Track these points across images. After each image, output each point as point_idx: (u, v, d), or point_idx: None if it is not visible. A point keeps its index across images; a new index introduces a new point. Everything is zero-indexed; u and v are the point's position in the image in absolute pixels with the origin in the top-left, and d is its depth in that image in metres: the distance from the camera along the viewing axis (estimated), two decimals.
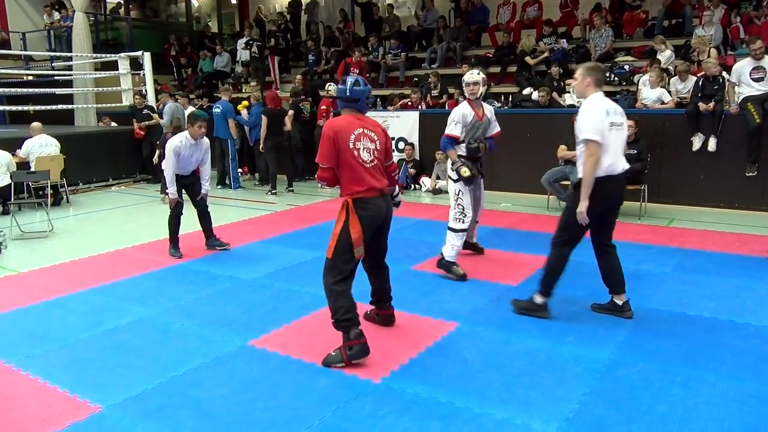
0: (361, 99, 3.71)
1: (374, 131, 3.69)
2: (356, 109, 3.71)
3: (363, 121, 3.69)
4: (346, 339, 3.53)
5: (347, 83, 3.70)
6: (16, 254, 6.26)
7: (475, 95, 5.16)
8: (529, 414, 2.99)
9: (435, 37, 12.58)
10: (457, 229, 5.15)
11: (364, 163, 3.58)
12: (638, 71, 9.28)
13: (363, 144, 3.59)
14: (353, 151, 3.55)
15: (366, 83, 3.76)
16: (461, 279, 5.07)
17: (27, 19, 16.10)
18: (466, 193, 5.15)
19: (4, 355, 3.75)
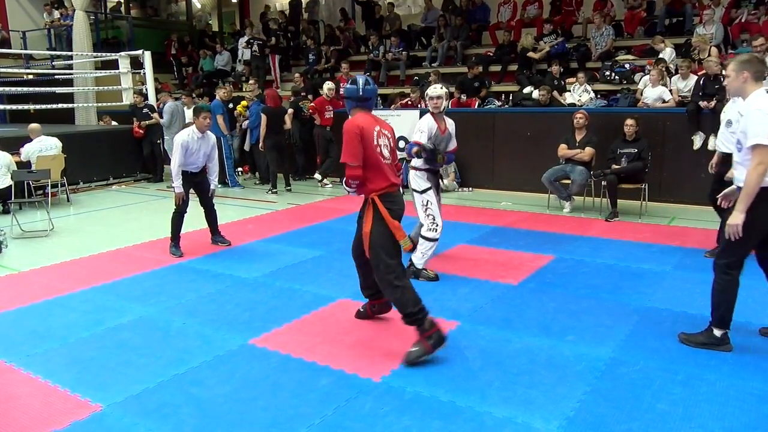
0: (372, 98, 3.77)
1: (387, 129, 3.77)
2: (368, 108, 3.76)
3: (377, 119, 3.75)
4: (422, 331, 3.52)
5: (359, 83, 3.71)
6: (17, 253, 6.27)
7: (438, 109, 5.16)
8: (529, 412, 2.99)
9: (436, 35, 12.58)
10: (430, 238, 5.09)
11: (386, 160, 3.66)
12: (639, 70, 9.28)
13: (383, 141, 3.66)
14: (377, 149, 3.61)
15: (374, 83, 3.81)
16: (434, 280, 5.04)
17: (27, 17, 16.10)
18: (433, 202, 5.11)
19: (5, 355, 3.75)
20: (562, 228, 6.79)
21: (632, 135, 7.22)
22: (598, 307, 4.38)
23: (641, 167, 7.14)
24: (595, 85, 9.53)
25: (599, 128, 7.88)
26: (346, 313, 4.35)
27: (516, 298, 4.60)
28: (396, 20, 13.26)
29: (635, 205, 7.48)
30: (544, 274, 5.16)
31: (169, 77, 15.33)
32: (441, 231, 5.13)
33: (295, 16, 15.06)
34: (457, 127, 9.54)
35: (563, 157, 7.69)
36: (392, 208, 3.61)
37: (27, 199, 8.08)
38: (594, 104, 8.94)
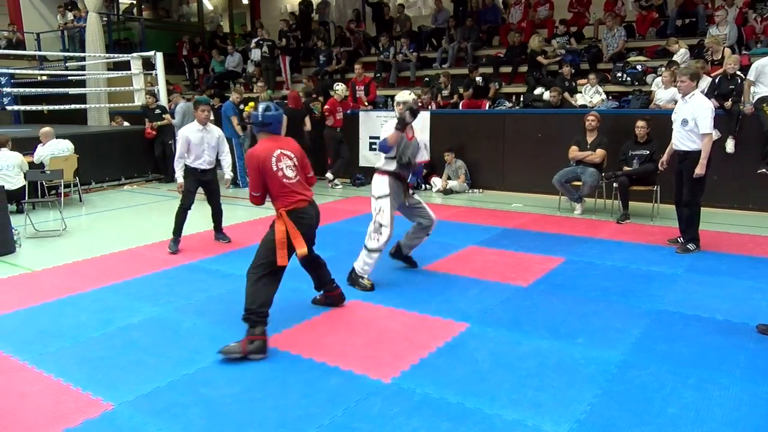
0: (273, 123, 3.97)
1: (289, 149, 3.98)
2: (271, 132, 3.98)
3: (279, 142, 3.97)
4: (251, 333, 3.68)
5: (259, 109, 3.97)
6: (30, 253, 6.32)
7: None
8: (539, 415, 2.98)
9: (446, 36, 12.57)
10: (370, 249, 4.87)
11: (290, 180, 3.89)
12: (651, 71, 9.22)
13: (284, 164, 3.88)
14: (278, 173, 3.85)
15: (278, 108, 4.02)
16: (368, 290, 4.85)
17: (41, 19, 16.25)
18: (387, 208, 4.84)
19: (18, 353, 3.78)
20: (573, 230, 6.76)
21: (644, 137, 7.18)
22: (608, 310, 4.35)
23: (653, 169, 7.08)
24: (607, 87, 9.48)
25: (610, 130, 7.84)
26: (355, 315, 4.36)
27: (526, 300, 4.58)
28: (406, 21, 13.26)
29: (647, 207, 7.43)
30: (555, 276, 5.14)
31: (180, 78, 15.41)
32: (385, 244, 4.87)
33: (305, 18, 15.10)
34: (468, 128, 9.54)
35: (574, 159, 7.66)
36: (300, 222, 3.88)
37: (40, 199, 8.16)
38: (605, 106, 8.90)
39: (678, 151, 5.77)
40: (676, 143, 5.77)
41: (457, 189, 9.36)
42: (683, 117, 5.62)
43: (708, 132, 5.49)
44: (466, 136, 9.62)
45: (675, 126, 5.81)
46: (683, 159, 5.70)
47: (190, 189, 6.13)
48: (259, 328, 3.69)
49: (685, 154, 5.68)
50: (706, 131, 5.49)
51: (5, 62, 13.78)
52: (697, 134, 5.54)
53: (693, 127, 5.55)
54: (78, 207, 8.85)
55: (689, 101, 5.61)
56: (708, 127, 5.47)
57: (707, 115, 5.47)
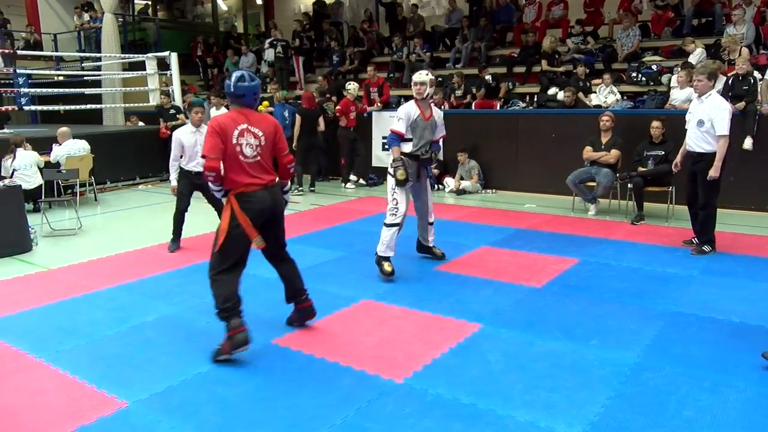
0: (247, 95, 3.69)
1: (259, 127, 3.70)
2: (243, 104, 3.72)
3: (248, 116, 3.69)
4: (227, 329, 3.57)
5: (232, 78, 3.68)
6: (46, 251, 6.39)
7: (421, 95, 5.16)
8: (552, 417, 2.96)
9: (459, 36, 12.54)
10: (388, 224, 5.14)
11: (247, 158, 3.63)
12: (666, 71, 9.15)
13: (246, 140, 3.63)
14: (236, 147, 3.61)
15: (253, 78, 3.72)
16: (387, 276, 5.06)
17: (58, 20, 16.42)
18: (400, 187, 5.15)
19: (34, 350, 3.83)
20: (587, 231, 6.72)
21: (659, 137, 7.12)
22: (622, 312, 4.32)
23: (668, 169, 7.00)
24: (622, 87, 9.42)
25: (625, 130, 7.78)
26: (367, 315, 4.36)
27: (539, 301, 4.56)
28: (420, 21, 13.24)
29: (662, 208, 7.37)
30: (568, 278, 5.11)
31: (194, 78, 15.50)
32: (402, 219, 5.14)
33: (318, 18, 15.14)
34: (481, 128, 9.53)
35: (588, 160, 7.61)
36: (248, 207, 3.62)
37: (56, 198, 8.24)
38: (620, 106, 8.84)
39: (692, 152, 5.69)
40: (691, 144, 5.68)
41: (470, 189, 9.33)
42: (699, 117, 5.54)
43: (725, 134, 5.40)
44: (480, 137, 9.60)
45: (690, 126, 5.74)
46: (697, 161, 5.62)
47: (183, 192, 6.18)
48: (234, 321, 3.56)
49: (699, 155, 5.60)
50: (722, 133, 5.40)
51: (23, 63, 13.96)
52: (713, 135, 5.46)
53: (709, 128, 5.47)
54: (93, 206, 8.93)
55: (705, 101, 5.53)
56: (725, 128, 5.39)
57: (724, 117, 5.38)
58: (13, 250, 6.17)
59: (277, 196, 3.81)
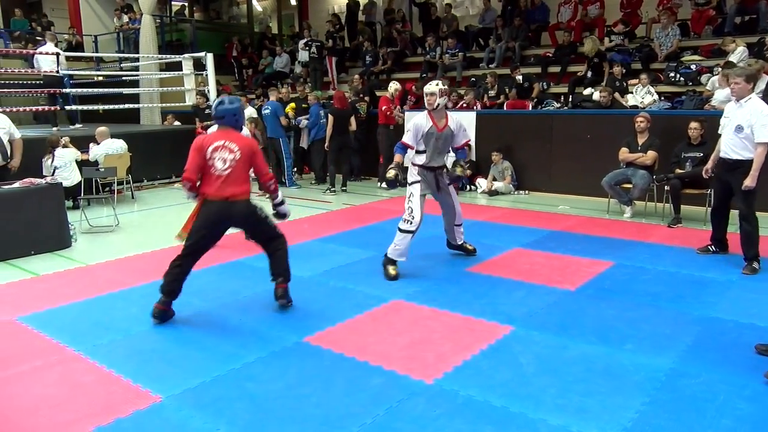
0: (227, 116, 4.16)
1: (237, 144, 4.13)
2: (224, 124, 4.19)
3: (227, 134, 4.16)
4: (157, 301, 4.21)
5: (215, 102, 4.23)
6: (84, 247, 6.55)
7: (431, 105, 5.18)
8: (585, 422, 2.92)
9: (493, 36, 12.45)
10: (402, 230, 5.20)
11: (217, 171, 4.10)
12: (706, 71, 8.93)
13: (220, 155, 4.08)
14: (209, 161, 4.09)
15: (232, 102, 4.20)
16: (390, 279, 5.11)
17: (99, 22, 16.84)
18: (416, 195, 5.22)
19: (73, 343, 3.92)
20: (622, 233, 6.61)
21: (697, 138, 6.96)
22: (658, 316, 4.23)
23: None
24: (659, 87, 9.24)
25: (662, 131, 7.63)
26: (398, 315, 4.36)
27: (573, 304, 4.50)
28: (453, 21, 13.19)
29: (700, 211, 7.20)
30: (603, 281, 5.03)
31: (229, 79, 15.71)
32: (417, 227, 5.18)
33: (352, 18, 15.20)
34: (514, 129, 9.44)
35: (624, 161, 7.48)
36: (205, 214, 4.14)
37: (95, 196, 8.44)
38: (657, 106, 8.67)
39: (727, 159, 5.30)
40: (726, 150, 5.29)
41: (502, 190, 9.26)
42: (738, 123, 5.17)
43: (765, 141, 5.02)
44: (513, 137, 9.51)
45: (725, 132, 5.38)
46: (733, 168, 5.24)
47: None
48: (162, 299, 4.20)
49: (736, 162, 5.22)
50: (763, 140, 5.01)
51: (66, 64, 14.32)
52: (752, 142, 5.09)
53: (749, 134, 5.09)
54: (130, 204, 9.12)
55: (745, 105, 5.15)
56: (766, 135, 5.00)
57: (765, 123, 4.99)
58: (54, 246, 6.34)
59: (237, 209, 4.18)
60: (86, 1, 16.68)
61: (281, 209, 4.59)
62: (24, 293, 5.01)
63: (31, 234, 6.16)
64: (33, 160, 7.91)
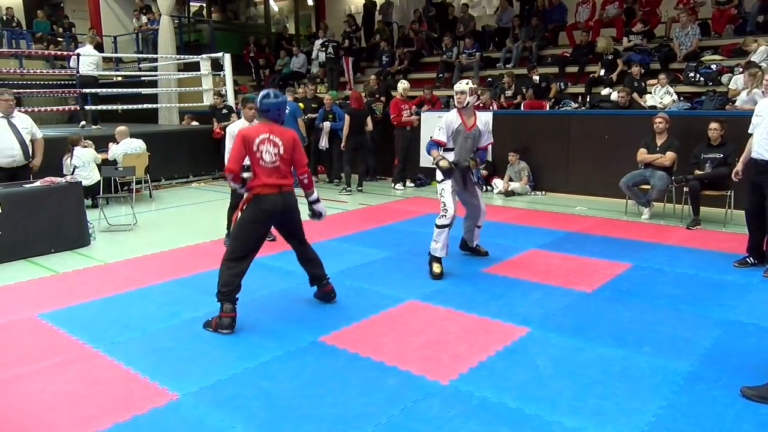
0: (270, 110, 4.17)
1: (281, 138, 4.16)
2: (268, 118, 4.19)
3: (272, 128, 4.17)
4: (220, 309, 4.08)
5: (259, 95, 4.23)
6: (103, 246, 6.62)
7: (461, 104, 5.23)
8: (601, 424, 2.90)
9: (510, 36, 12.40)
10: (439, 225, 5.24)
11: (265, 164, 4.10)
12: (726, 71, 8.82)
13: (265, 148, 4.09)
14: (257, 153, 4.08)
15: (278, 95, 4.22)
16: (435, 278, 5.16)
17: (118, 23, 17.02)
18: (447, 190, 5.23)
19: (92, 341, 3.97)
20: (640, 235, 6.54)
21: (717, 139, 6.88)
22: (676, 319, 4.19)
23: (727, 173, 6.75)
24: (678, 87, 9.14)
25: (681, 132, 7.55)
26: (414, 315, 4.36)
27: (590, 306, 4.47)
28: (470, 21, 13.16)
29: (719, 213, 7.12)
30: (620, 282, 4.99)
31: (247, 79, 15.80)
32: (451, 220, 5.22)
33: (369, 18, 15.21)
34: (531, 129, 9.39)
35: (642, 162, 7.41)
36: (258, 207, 4.11)
37: (113, 195, 8.53)
38: (677, 107, 8.58)
39: (760, 160, 5.13)
40: (760, 151, 5.12)
41: (519, 191, 9.22)
42: None
43: None
44: (529, 137, 9.46)
45: (758, 131, 5.18)
46: (766, 170, 5.08)
47: None
48: (226, 306, 4.06)
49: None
50: None
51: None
52: None
53: None
54: (148, 203, 9.20)
55: None
56: None
57: None
58: (73, 244, 6.42)
59: (290, 199, 4.23)
60: (106, 3, 16.86)
61: (317, 207, 4.58)
62: (44, 290, 5.08)
63: (51, 232, 6.24)
64: (55, 159, 8.03)
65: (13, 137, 6.42)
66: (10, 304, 4.76)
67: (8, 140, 6.40)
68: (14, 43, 15.47)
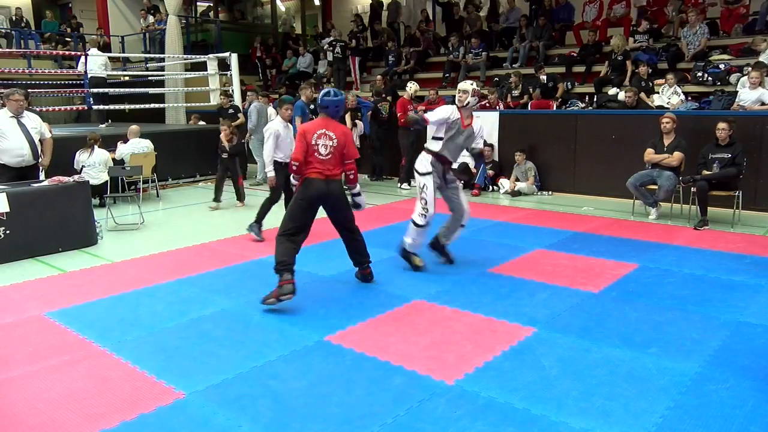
0: (330, 107, 4.65)
1: (334, 133, 4.62)
2: (327, 114, 4.66)
3: (327, 123, 4.64)
4: (279, 279, 4.41)
5: (321, 93, 4.70)
6: (110, 245, 6.65)
7: (462, 102, 5.20)
8: (608, 425, 2.88)
9: (517, 36, 12.37)
10: (419, 224, 5.24)
11: (321, 155, 4.57)
12: (735, 70, 8.77)
13: (322, 141, 4.57)
14: (314, 146, 4.56)
15: (337, 94, 4.69)
16: (417, 269, 5.28)
17: (126, 23, 17.10)
18: (429, 186, 5.20)
19: (99, 339, 3.99)
20: (648, 235, 6.52)
21: (725, 139, 6.84)
22: (684, 320, 4.17)
23: (735, 173, 6.75)
24: (686, 87, 9.10)
25: (689, 132, 7.51)
26: (420, 315, 4.35)
27: (596, 307, 4.45)
28: (476, 21, 13.14)
29: (727, 213, 7.08)
30: (627, 283, 4.97)
31: (253, 79, 15.82)
32: (431, 220, 5.22)
33: (376, 18, 15.21)
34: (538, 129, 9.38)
35: (650, 162, 7.38)
36: (307, 189, 4.57)
37: (121, 194, 8.57)
38: (684, 107, 8.54)
39: None
40: None
41: (525, 191, 9.20)
42: None
43: None
44: (536, 137, 9.44)
45: None
46: None
47: (282, 184, 6.47)
48: (285, 275, 4.40)
49: None
50: None
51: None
52: None
53: None
54: (155, 202, 9.23)
55: None
56: None
57: None
58: (80, 243, 6.45)
59: (333, 187, 4.65)
60: (114, 3, 16.95)
61: (358, 199, 5.02)
62: (52, 289, 5.10)
63: (59, 231, 6.28)
64: (63, 158, 8.06)
65: (22, 137, 6.46)
66: (19, 302, 4.78)
67: (18, 140, 6.43)
68: (23, 43, 15.56)
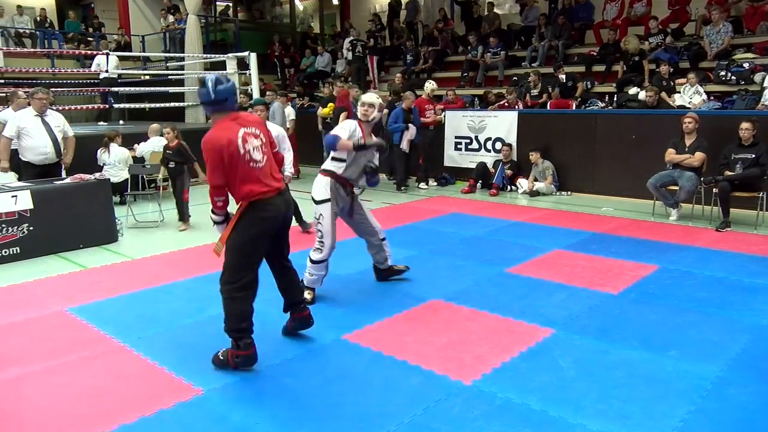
0: (230, 97, 3.38)
1: (254, 126, 3.46)
2: (227, 110, 3.40)
3: (240, 119, 3.41)
4: (235, 347, 3.45)
5: (208, 84, 3.32)
6: (130, 242, 6.72)
7: (366, 117, 4.58)
8: (626, 428, 2.86)
9: (536, 35, 12.29)
10: (314, 260, 4.55)
11: (257, 164, 3.39)
12: (760, 69, 8.62)
13: (251, 144, 3.37)
14: (245, 156, 3.34)
15: (228, 79, 3.42)
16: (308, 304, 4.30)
17: (146, 22, 17.28)
18: (326, 217, 4.50)
19: (119, 335, 4.03)
20: (668, 236, 6.44)
21: (749, 139, 6.74)
22: (704, 322, 4.11)
23: (758, 174, 6.64)
24: (709, 86, 8.97)
25: (712, 132, 7.41)
26: (437, 314, 4.34)
27: (615, 308, 4.41)
28: (495, 20, 13.08)
29: (750, 215, 6.97)
30: (647, 285, 4.91)
31: (272, 78, 15.89)
32: (328, 254, 4.53)
33: (393, 18, 15.21)
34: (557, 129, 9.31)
35: (671, 162, 7.30)
36: (263, 216, 3.41)
37: (141, 192, 8.65)
38: (707, 106, 8.42)
39: None
40: None
41: (544, 191, 9.14)
42: None
43: None
44: (555, 137, 9.37)
45: None
46: None
47: None
48: (244, 341, 3.44)
49: None
50: None
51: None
52: None
53: None
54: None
55: None
56: None
57: None
58: (101, 240, 6.54)
59: (288, 200, 3.65)
60: (135, 3, 17.14)
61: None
62: (73, 285, 5.17)
63: (80, 228, 6.36)
64: (85, 156, 8.15)
65: (46, 135, 6.56)
66: (41, 298, 4.86)
67: (41, 138, 6.54)
68: (47, 43, 15.78)
